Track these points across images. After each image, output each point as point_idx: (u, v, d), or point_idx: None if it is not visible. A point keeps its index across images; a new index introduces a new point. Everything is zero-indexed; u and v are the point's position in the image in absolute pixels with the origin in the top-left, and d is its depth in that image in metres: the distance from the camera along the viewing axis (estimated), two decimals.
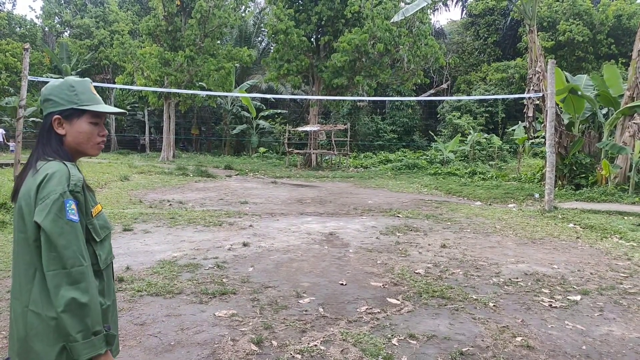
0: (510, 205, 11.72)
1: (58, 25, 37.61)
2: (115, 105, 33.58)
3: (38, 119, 30.07)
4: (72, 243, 1.53)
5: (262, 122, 31.61)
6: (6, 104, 29.57)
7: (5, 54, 28.10)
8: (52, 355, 1.55)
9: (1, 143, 25.44)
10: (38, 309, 1.56)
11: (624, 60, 27.08)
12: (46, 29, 38.29)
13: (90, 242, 1.65)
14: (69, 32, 37.42)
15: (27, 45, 9.89)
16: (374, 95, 24.75)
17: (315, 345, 3.57)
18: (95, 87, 1.89)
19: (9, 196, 8.98)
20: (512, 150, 25.11)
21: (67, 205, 1.54)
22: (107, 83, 30.09)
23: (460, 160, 23.00)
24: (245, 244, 6.86)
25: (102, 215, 1.75)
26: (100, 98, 1.79)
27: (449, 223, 9.08)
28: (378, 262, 6.11)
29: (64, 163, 1.63)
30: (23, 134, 10.27)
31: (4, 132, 26.36)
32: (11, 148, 24.16)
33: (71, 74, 30.78)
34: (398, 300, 4.67)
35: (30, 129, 29.45)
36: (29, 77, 9.85)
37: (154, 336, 3.71)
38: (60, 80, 1.74)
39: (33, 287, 1.58)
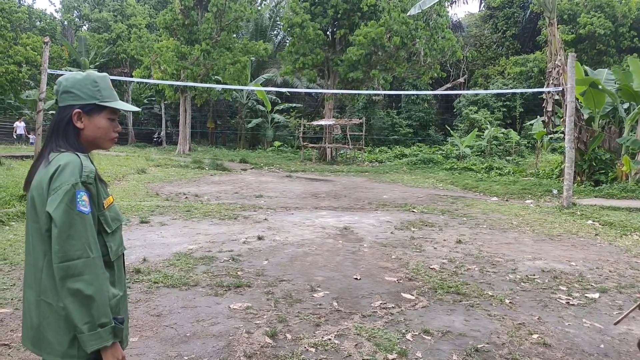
0: (527, 201, 11.57)
1: (77, 19, 38.08)
2: (132, 99, 33.97)
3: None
4: (81, 235, 1.54)
5: (277, 116, 31.65)
6: (26, 97, 30.06)
7: (26, 47, 28.49)
8: (65, 344, 1.58)
9: (23, 136, 25.87)
10: (49, 298, 1.59)
11: None
12: (65, 22, 38.78)
13: (102, 233, 1.66)
14: (87, 25, 37.83)
15: (46, 39, 10.03)
16: (390, 89, 24.58)
17: (329, 339, 3.58)
18: (113, 80, 1.92)
19: None
20: (530, 145, 24.75)
21: (79, 196, 1.55)
22: (125, 77, 30.40)
23: (476, 156, 22.75)
24: (260, 238, 6.89)
25: (114, 207, 1.76)
26: (116, 94, 1.82)
27: (464, 218, 9.01)
28: (392, 257, 6.09)
29: (76, 154, 1.63)
30: (43, 127, 10.43)
31: (25, 125, 26.81)
32: (31, 141, 24.57)
33: (90, 68, 31.17)
34: (412, 295, 4.65)
35: (50, 122, 29.91)
36: (49, 71, 10.00)
37: (170, 327, 3.75)
38: (83, 74, 1.74)
39: (43, 277, 1.60)
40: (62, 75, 1.83)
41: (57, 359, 1.60)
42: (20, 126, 25.70)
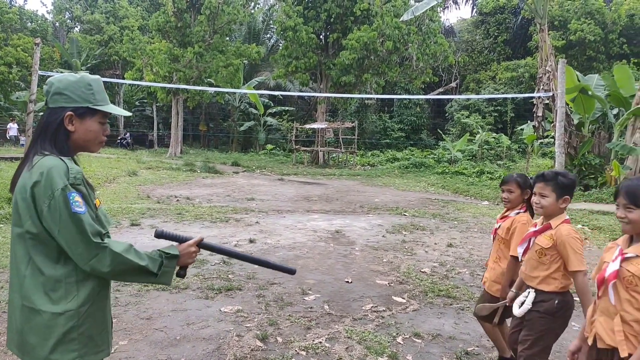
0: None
1: (69, 20, 37.89)
2: (124, 101, 33.81)
3: None
4: (86, 232, 1.54)
5: (269, 119, 31.64)
6: (17, 98, 29.81)
7: (17, 48, 28.31)
8: (47, 349, 1.56)
9: (15, 137, 25.64)
10: (31, 303, 1.57)
11: (635, 61, 26.81)
12: (57, 24, 38.57)
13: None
14: (79, 27, 37.66)
15: (38, 40, 9.96)
16: (382, 93, 24.69)
17: (320, 342, 3.58)
18: (105, 83, 1.88)
19: None
20: (521, 150, 24.93)
21: (71, 198, 1.54)
22: (117, 78, 30.27)
23: (468, 160, 22.87)
24: (251, 241, 6.88)
25: (102, 210, 1.74)
26: (107, 97, 1.81)
27: (455, 222, 9.05)
28: (384, 260, 6.10)
29: (60, 158, 1.60)
30: (32, 129, 10.34)
31: (18, 127, 26.59)
32: (22, 142, 24.37)
33: (81, 69, 30.99)
34: (403, 298, 4.66)
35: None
36: (40, 72, 9.92)
37: (160, 330, 3.73)
38: (76, 76, 1.72)
39: (26, 281, 1.59)
40: (52, 76, 1.81)
41: None
42: (13, 127, 25.45)
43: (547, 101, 13.95)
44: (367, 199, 12.17)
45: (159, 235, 1.77)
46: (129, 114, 1.93)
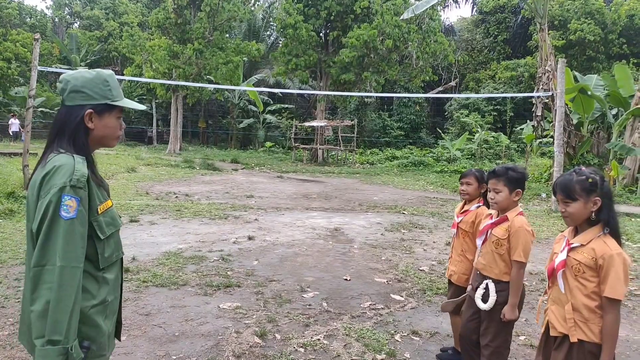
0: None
1: (68, 16, 37.82)
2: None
3: (47, 109, 30.27)
4: (56, 241, 1.48)
5: (269, 117, 31.63)
6: (16, 93, 29.76)
7: (16, 44, 28.25)
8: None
9: (17, 133, 25.53)
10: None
11: (635, 61, 26.84)
12: (56, 19, 38.49)
13: (94, 238, 1.60)
14: (78, 23, 37.60)
15: (37, 36, 9.94)
16: (382, 92, 24.65)
17: (319, 340, 3.59)
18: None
19: (18, 185, 9.08)
20: (520, 149, 24.95)
21: (63, 200, 1.50)
22: (116, 75, 30.17)
23: (467, 159, 22.89)
24: (250, 238, 6.89)
25: (111, 212, 1.70)
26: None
27: None
28: (382, 258, 6.11)
29: (72, 157, 1.59)
30: (32, 124, 10.33)
31: (19, 122, 26.51)
32: (22, 138, 24.29)
33: (80, 65, 30.94)
34: (402, 296, 4.67)
35: (39, 119, 29.65)
36: (39, 68, 9.91)
37: (159, 326, 3.74)
38: (92, 72, 1.70)
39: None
40: (52, 72, 1.81)
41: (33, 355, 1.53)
42: (15, 123, 25.36)
43: (546, 101, 13.96)
44: (366, 197, 12.18)
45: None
46: (143, 107, 1.92)
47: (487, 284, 2.77)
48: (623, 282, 2.00)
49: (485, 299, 2.76)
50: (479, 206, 3.26)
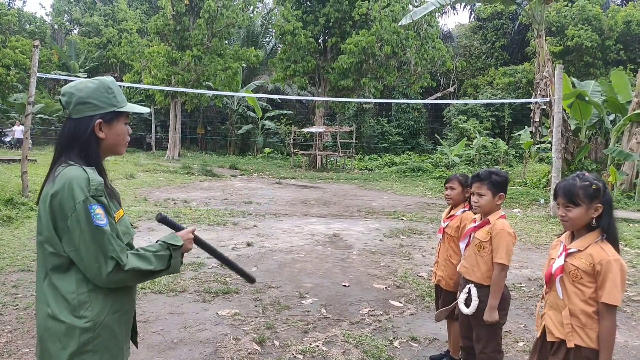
0: (514, 210, 11.68)
1: (67, 23, 37.91)
2: None
3: (46, 116, 30.28)
4: (106, 247, 1.53)
5: (267, 123, 31.66)
6: (14, 100, 29.77)
7: (15, 50, 28.31)
8: (64, 358, 1.54)
9: (20, 140, 25.47)
10: (49, 310, 1.56)
11: (632, 67, 26.93)
12: (55, 26, 38.59)
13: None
14: (77, 29, 37.69)
15: (36, 43, 9.96)
16: (380, 98, 24.74)
17: (317, 346, 3.58)
18: None
19: (16, 192, 9.06)
20: (518, 155, 24.99)
21: (92, 210, 1.52)
22: (115, 81, 30.22)
23: (465, 164, 22.92)
24: (248, 244, 6.88)
25: (124, 221, 1.71)
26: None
27: None
28: (381, 264, 6.11)
29: (83, 169, 1.57)
30: (30, 131, 10.34)
31: (22, 129, 26.45)
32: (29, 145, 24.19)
33: (79, 72, 30.99)
34: (400, 302, 4.67)
35: (37, 126, 29.64)
36: (38, 74, 9.92)
37: (157, 333, 3.73)
38: (95, 81, 1.69)
39: (45, 289, 1.58)
40: (51, 78, 1.83)
41: None
42: (17, 130, 25.30)
43: (544, 107, 14.00)
44: (364, 203, 12.18)
45: (161, 220, 1.85)
46: (147, 110, 1.92)
47: (469, 289, 2.79)
48: (620, 288, 2.00)
49: (468, 303, 2.77)
50: (465, 211, 3.30)
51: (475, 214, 2.98)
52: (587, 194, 2.07)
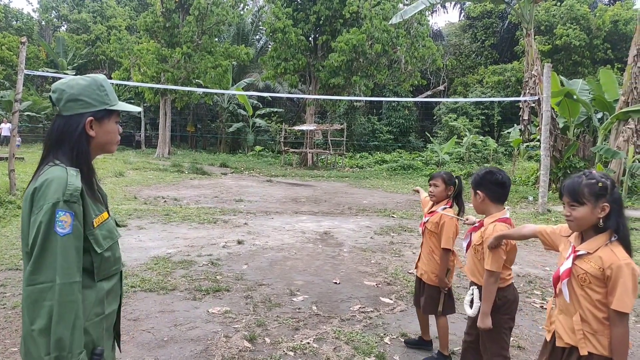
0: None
1: (55, 19, 37.48)
2: None
3: (33, 113, 29.93)
4: (54, 258, 1.44)
5: (258, 121, 31.60)
6: (1, 97, 29.40)
7: (2, 47, 27.96)
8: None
9: (7, 137, 25.13)
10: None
11: (619, 66, 27.27)
12: (43, 22, 38.12)
13: (90, 252, 1.56)
14: (66, 26, 37.29)
15: (24, 39, 9.84)
16: (371, 96, 24.78)
17: (308, 343, 3.59)
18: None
19: (3, 190, 8.96)
20: (507, 153, 25.22)
21: (57, 216, 1.46)
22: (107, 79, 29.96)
23: (455, 162, 23.06)
24: (239, 242, 6.87)
25: (107, 225, 1.65)
26: None
27: None
28: (372, 261, 6.13)
29: (66, 170, 1.53)
30: (18, 128, 10.22)
31: (10, 127, 26.11)
32: (17, 143, 23.91)
33: (68, 69, 30.66)
34: (391, 299, 4.69)
35: (25, 123, 29.30)
36: (26, 71, 9.80)
37: (147, 332, 3.71)
38: (86, 78, 1.67)
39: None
40: (38, 75, 1.80)
41: None
42: (4, 127, 24.97)
43: (533, 105, 14.12)
44: (355, 200, 12.21)
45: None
46: (139, 109, 1.89)
47: (473, 290, 2.78)
48: (632, 295, 1.89)
49: (472, 305, 2.77)
50: (445, 208, 3.39)
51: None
52: (592, 192, 1.97)
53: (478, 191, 2.77)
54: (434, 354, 3.48)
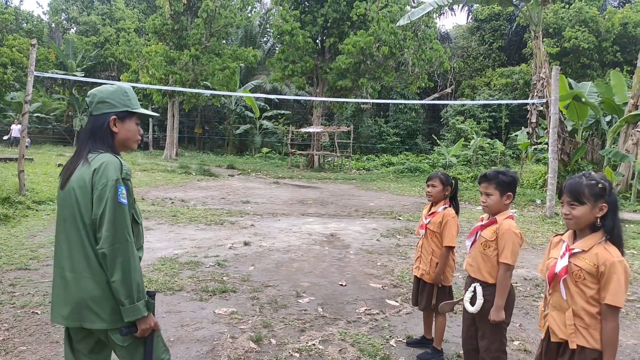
0: (511, 211, 11.72)
1: (64, 21, 37.80)
2: None
3: (43, 115, 30.23)
4: (123, 222, 1.85)
5: (265, 123, 31.68)
6: (11, 99, 29.70)
7: (12, 49, 28.21)
8: (107, 313, 1.88)
9: (17, 139, 25.34)
10: (95, 276, 1.87)
11: (629, 69, 27.06)
12: (53, 25, 38.47)
13: (132, 223, 1.94)
14: (75, 28, 37.59)
15: (34, 41, 9.94)
16: (378, 98, 24.75)
17: (314, 345, 3.60)
18: (100, 84, 2.13)
19: (13, 190, 9.04)
20: (515, 155, 25.08)
21: (119, 190, 1.86)
22: (112, 80, 30.19)
23: (462, 165, 22.99)
24: (246, 243, 6.89)
25: (137, 205, 2.08)
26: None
27: None
28: (378, 263, 6.13)
29: (114, 155, 1.94)
30: (27, 129, 10.32)
31: (20, 128, 26.31)
32: (26, 144, 24.09)
33: (77, 71, 30.91)
34: (397, 302, 4.69)
35: (34, 124, 29.56)
36: (35, 73, 9.90)
37: None
38: (114, 86, 2.07)
39: (89, 259, 1.87)
40: (47, 76, 2.02)
41: (103, 324, 1.88)
42: (15, 129, 25.17)
43: (541, 108, 14.06)
44: (362, 202, 12.21)
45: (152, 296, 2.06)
46: (156, 114, 2.32)
47: (475, 287, 2.80)
48: (624, 290, 1.98)
49: (473, 302, 2.79)
50: (446, 208, 3.44)
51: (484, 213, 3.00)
52: (592, 193, 2.06)
53: (509, 192, 2.79)
54: (428, 350, 3.51)
